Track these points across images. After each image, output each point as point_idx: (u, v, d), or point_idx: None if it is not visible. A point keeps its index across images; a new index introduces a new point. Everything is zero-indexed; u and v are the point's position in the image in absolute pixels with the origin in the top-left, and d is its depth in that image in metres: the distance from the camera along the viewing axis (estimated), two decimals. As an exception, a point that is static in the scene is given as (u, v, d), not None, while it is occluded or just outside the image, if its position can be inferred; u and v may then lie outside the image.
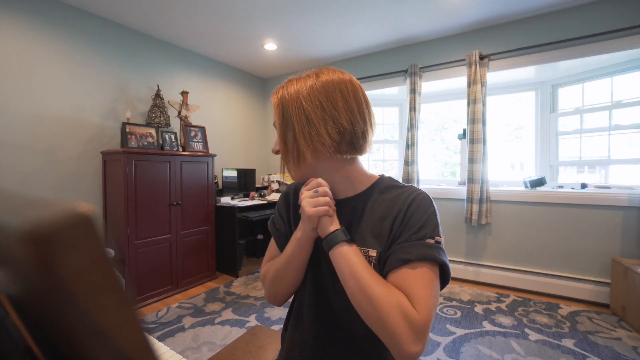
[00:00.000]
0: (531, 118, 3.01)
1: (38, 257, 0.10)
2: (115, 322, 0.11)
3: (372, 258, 0.64)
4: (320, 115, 0.63)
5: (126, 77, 2.77)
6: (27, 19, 2.19)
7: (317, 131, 0.63)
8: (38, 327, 0.16)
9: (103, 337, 0.10)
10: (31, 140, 2.22)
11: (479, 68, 2.70)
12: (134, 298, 0.19)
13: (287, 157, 0.68)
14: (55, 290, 0.10)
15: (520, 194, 2.69)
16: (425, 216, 0.62)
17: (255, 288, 2.77)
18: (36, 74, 2.24)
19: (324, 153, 0.65)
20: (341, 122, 0.63)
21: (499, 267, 2.76)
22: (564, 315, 2.21)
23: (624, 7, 2.28)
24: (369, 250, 0.65)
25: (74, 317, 0.10)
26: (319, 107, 0.63)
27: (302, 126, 0.64)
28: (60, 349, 0.14)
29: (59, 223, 0.10)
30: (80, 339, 0.10)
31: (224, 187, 3.42)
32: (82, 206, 0.10)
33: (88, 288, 0.10)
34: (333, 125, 0.63)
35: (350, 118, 0.64)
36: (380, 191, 0.69)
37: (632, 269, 2.05)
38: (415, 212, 0.62)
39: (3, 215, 0.10)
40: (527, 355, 1.74)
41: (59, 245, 0.10)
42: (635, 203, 2.27)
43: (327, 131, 0.63)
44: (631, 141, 2.55)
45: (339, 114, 0.64)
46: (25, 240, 0.09)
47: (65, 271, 0.10)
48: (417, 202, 0.63)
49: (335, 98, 0.64)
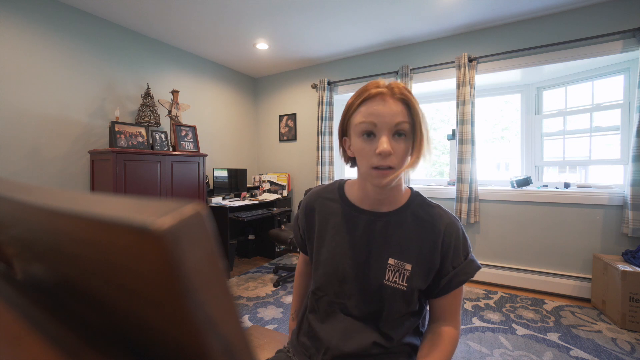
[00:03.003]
0: (517, 119, 3.11)
1: (162, 253, 0.11)
2: (221, 312, 0.12)
3: (407, 271, 0.71)
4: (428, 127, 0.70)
5: (115, 75, 2.71)
6: (11, 14, 2.12)
7: (429, 140, 0.68)
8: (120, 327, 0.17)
9: (215, 326, 0.12)
10: (15, 139, 2.15)
11: (467, 70, 2.77)
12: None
13: (411, 162, 0.67)
14: (176, 284, 0.11)
15: (507, 193, 2.78)
16: (464, 238, 0.72)
17: (248, 288, 2.76)
18: (20, 71, 2.17)
19: None
20: (429, 137, 0.71)
21: (487, 265, 2.84)
22: (549, 310, 2.30)
23: (605, 15, 2.39)
24: (405, 264, 0.71)
25: (192, 308, 0.11)
26: (425, 118, 0.69)
27: (427, 131, 0.68)
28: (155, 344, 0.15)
29: (183, 221, 0.11)
30: (195, 328, 0.11)
31: (215, 187, 3.39)
32: (197, 206, 0.11)
33: (204, 280, 0.11)
34: (429, 138, 0.70)
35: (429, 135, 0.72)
36: (415, 209, 0.74)
37: (611, 264, 2.15)
38: (458, 238, 0.71)
39: (121, 214, 0.11)
40: (515, 350, 1.81)
41: (185, 241, 0.11)
42: (614, 202, 2.38)
43: (429, 142, 0.69)
44: (609, 142, 2.67)
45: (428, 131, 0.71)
46: (152, 237, 0.10)
47: (187, 265, 0.11)
48: (457, 228, 0.72)
49: None
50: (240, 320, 0.13)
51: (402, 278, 0.70)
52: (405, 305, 0.72)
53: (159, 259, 0.10)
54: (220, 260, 0.12)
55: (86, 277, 0.17)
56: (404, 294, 0.70)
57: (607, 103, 2.63)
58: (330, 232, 0.78)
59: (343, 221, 0.77)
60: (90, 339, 0.18)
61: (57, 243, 0.18)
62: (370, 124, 0.65)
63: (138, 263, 0.11)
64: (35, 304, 0.23)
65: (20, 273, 0.29)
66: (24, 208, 0.19)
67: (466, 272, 0.70)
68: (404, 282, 0.70)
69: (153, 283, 0.11)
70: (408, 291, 0.70)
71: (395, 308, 0.71)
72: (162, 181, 2.63)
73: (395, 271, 0.71)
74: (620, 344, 1.85)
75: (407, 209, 0.74)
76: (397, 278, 0.70)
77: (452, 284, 0.70)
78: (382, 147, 0.63)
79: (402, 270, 0.70)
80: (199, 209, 0.11)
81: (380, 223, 0.74)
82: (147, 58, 2.97)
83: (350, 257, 0.74)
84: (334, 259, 0.76)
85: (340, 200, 0.80)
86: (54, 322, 0.20)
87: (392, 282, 0.70)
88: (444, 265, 0.71)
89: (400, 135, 0.65)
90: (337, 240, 0.77)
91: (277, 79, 4.12)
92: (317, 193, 0.85)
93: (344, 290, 0.74)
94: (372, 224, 0.74)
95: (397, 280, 0.70)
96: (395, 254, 0.71)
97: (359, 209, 0.77)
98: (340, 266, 0.75)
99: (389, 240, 0.72)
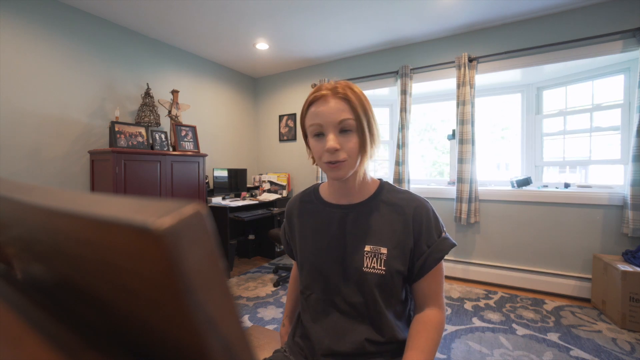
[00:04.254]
0: (517, 119, 3.11)
1: (162, 253, 0.11)
2: (221, 312, 0.12)
3: (383, 255, 0.73)
4: (374, 118, 0.74)
5: (115, 75, 2.71)
6: (9, 14, 2.12)
7: (378, 130, 0.74)
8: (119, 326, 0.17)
9: (215, 326, 0.12)
10: (15, 139, 2.15)
11: (468, 70, 2.77)
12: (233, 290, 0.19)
13: (362, 153, 0.71)
14: (176, 284, 0.11)
15: (507, 193, 2.78)
16: (435, 218, 0.76)
17: (248, 288, 2.76)
18: (20, 71, 2.17)
19: (369, 155, 0.73)
20: (377, 128, 0.75)
21: (487, 265, 2.84)
22: (549, 310, 2.30)
23: (605, 15, 2.39)
24: (381, 248, 0.74)
25: (192, 308, 0.11)
26: (371, 110, 0.74)
27: (373, 123, 0.73)
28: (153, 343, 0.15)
29: (183, 221, 0.11)
30: (195, 328, 0.11)
31: (215, 187, 3.39)
32: (197, 206, 0.11)
33: (204, 280, 0.11)
34: (377, 129, 0.75)
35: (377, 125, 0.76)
36: (384, 197, 0.78)
37: (611, 264, 2.15)
38: (429, 218, 0.75)
39: (121, 214, 0.11)
40: (515, 350, 1.81)
41: (185, 241, 0.11)
42: (614, 202, 2.38)
43: (377, 132, 0.74)
44: (610, 142, 2.67)
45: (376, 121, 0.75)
46: (152, 237, 0.10)
47: (187, 265, 0.11)
48: (426, 209, 0.75)
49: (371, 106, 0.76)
50: (240, 320, 0.13)
51: (380, 262, 0.73)
52: (388, 291, 0.74)
53: (159, 259, 0.10)
54: (220, 260, 0.12)
55: (86, 277, 0.17)
56: (383, 278, 0.72)
57: (607, 103, 2.62)
58: (310, 231, 0.82)
59: (320, 219, 0.82)
60: (90, 339, 0.18)
61: (57, 243, 0.18)
62: (317, 126, 0.70)
63: (138, 263, 0.11)
64: (35, 304, 0.23)
65: (20, 273, 0.29)
66: (24, 208, 0.19)
67: (440, 250, 0.73)
68: (382, 266, 0.72)
69: (153, 283, 0.11)
70: (387, 275, 0.72)
71: (379, 295, 0.73)
72: (162, 181, 2.63)
73: (372, 257, 0.73)
74: (620, 344, 1.85)
75: (376, 197, 0.78)
76: (375, 263, 0.73)
77: (429, 262, 0.73)
78: (328, 144, 0.68)
79: (378, 255, 0.73)
80: (199, 209, 0.11)
81: (353, 214, 0.78)
82: (147, 58, 2.97)
83: (330, 252, 0.77)
84: (316, 256, 0.79)
85: (316, 200, 0.85)
86: (54, 322, 0.20)
87: (370, 268, 0.73)
88: (418, 245, 0.73)
89: (347, 132, 0.70)
90: (316, 239, 0.80)
91: (277, 79, 4.12)
92: (295, 199, 0.91)
93: (330, 286, 0.77)
94: (345, 217, 0.78)
95: (375, 266, 0.73)
96: (370, 240, 0.74)
97: (332, 205, 0.81)
98: (322, 262, 0.78)
99: (363, 229, 0.76)
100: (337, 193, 0.81)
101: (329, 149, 0.68)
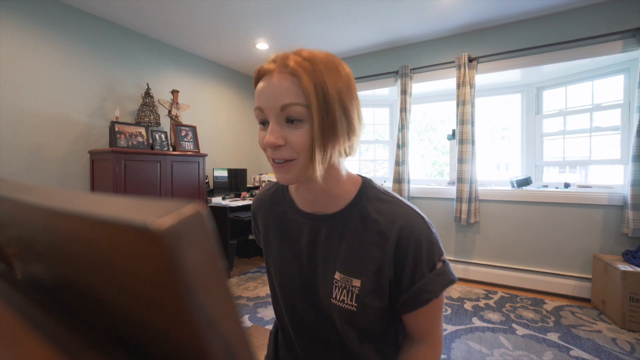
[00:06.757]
0: (517, 119, 3.11)
1: (162, 253, 0.11)
2: (221, 312, 0.12)
3: (355, 288, 0.55)
4: (353, 104, 0.53)
5: (115, 75, 2.71)
6: (11, 14, 2.12)
7: (358, 117, 0.54)
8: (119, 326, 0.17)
9: (215, 326, 0.12)
10: (15, 139, 2.15)
11: (468, 70, 2.77)
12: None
13: (320, 149, 0.51)
14: (176, 284, 0.11)
15: (507, 193, 2.78)
16: (429, 243, 0.55)
17: (248, 288, 2.76)
18: (20, 71, 2.17)
19: (339, 152, 0.54)
20: (359, 116, 0.55)
21: (487, 265, 2.84)
22: (549, 310, 2.30)
23: (605, 15, 2.39)
24: (352, 279, 0.56)
25: (192, 308, 0.11)
26: (348, 93, 0.53)
27: (350, 108, 0.53)
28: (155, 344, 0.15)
29: (183, 221, 0.11)
30: (195, 328, 0.11)
31: (215, 187, 3.39)
32: (197, 206, 0.11)
33: (204, 280, 0.11)
34: (358, 117, 0.55)
35: (359, 112, 0.56)
36: (363, 207, 0.58)
37: (611, 264, 2.15)
38: (418, 244, 0.54)
39: (121, 214, 0.11)
40: (515, 350, 1.81)
41: (185, 241, 0.11)
42: (614, 202, 2.38)
43: (357, 122, 0.54)
44: (610, 142, 2.67)
45: (358, 107, 0.55)
46: (152, 237, 0.10)
47: (187, 265, 0.11)
48: (415, 232, 0.54)
49: (352, 88, 0.54)
50: (240, 320, 0.13)
51: (351, 297, 0.55)
52: (361, 330, 0.58)
53: (159, 259, 0.10)
54: (220, 260, 0.12)
55: (86, 277, 0.17)
56: (355, 315, 0.56)
57: (607, 103, 2.62)
58: (276, 241, 0.65)
59: (287, 228, 0.63)
60: (90, 339, 0.18)
61: (57, 243, 0.18)
62: (259, 111, 0.53)
63: (138, 263, 0.11)
64: (35, 304, 0.23)
65: (20, 273, 0.29)
66: (24, 208, 0.19)
67: (429, 290, 0.53)
68: (352, 301, 0.55)
69: (153, 283, 0.11)
70: (359, 312, 0.56)
71: (351, 334, 0.58)
72: (162, 181, 2.63)
73: (342, 288, 0.56)
74: (620, 344, 1.85)
75: (353, 207, 0.58)
76: (345, 297, 0.56)
77: (415, 302, 0.55)
78: (266, 138, 0.51)
79: (349, 287, 0.56)
80: (199, 209, 0.11)
81: (325, 229, 0.59)
82: (147, 58, 2.97)
83: (297, 272, 0.61)
84: (283, 276, 0.63)
85: (284, 203, 0.65)
86: (54, 322, 0.20)
87: (339, 302, 0.56)
88: (400, 278, 0.55)
89: (295, 121, 0.50)
90: (283, 252, 0.63)
91: (277, 79, 4.11)
92: (260, 197, 0.71)
93: (298, 312, 0.63)
94: (317, 230, 0.60)
95: (344, 299, 0.56)
96: (341, 267, 0.57)
97: (303, 213, 0.62)
98: (289, 284, 0.62)
99: (334, 251, 0.58)
100: (303, 199, 0.61)
101: (266, 144, 0.51)
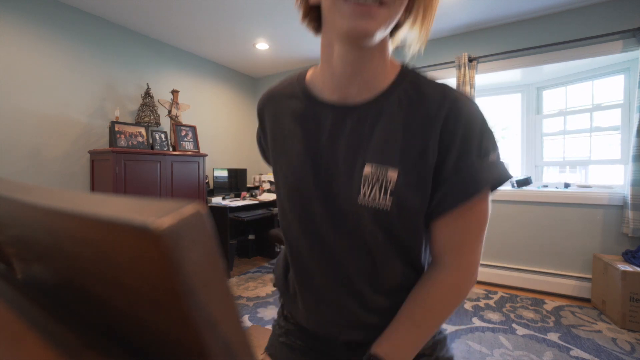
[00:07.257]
0: (517, 119, 3.11)
1: (162, 252, 0.11)
2: (221, 312, 0.12)
3: (390, 181, 0.45)
4: None
5: (115, 75, 2.71)
6: (11, 14, 2.12)
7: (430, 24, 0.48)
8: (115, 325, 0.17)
9: (215, 326, 0.12)
10: (15, 139, 2.15)
11: (468, 70, 2.77)
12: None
13: (407, 14, 0.46)
14: (176, 284, 0.11)
15: (507, 193, 2.78)
16: (482, 127, 0.46)
17: (248, 288, 2.76)
18: (20, 71, 2.17)
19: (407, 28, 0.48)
20: None
21: (487, 265, 2.84)
22: (549, 310, 2.30)
23: (605, 15, 2.38)
24: (388, 169, 0.46)
25: (192, 308, 0.11)
26: None
27: None
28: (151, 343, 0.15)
29: (183, 221, 0.11)
30: (195, 328, 0.11)
31: (215, 187, 3.39)
32: (197, 206, 0.11)
33: (204, 280, 0.11)
34: None
35: None
36: (404, 90, 0.49)
37: (611, 264, 2.15)
38: (470, 123, 0.45)
39: (121, 214, 0.11)
40: (515, 350, 1.80)
41: (185, 241, 0.11)
42: (614, 202, 2.38)
43: None
44: (610, 142, 2.67)
45: None
46: (152, 237, 0.10)
47: (187, 265, 0.11)
48: (467, 109, 0.46)
49: None
50: (240, 320, 0.13)
51: (385, 192, 0.45)
52: (395, 242, 0.48)
53: (159, 259, 0.10)
54: (220, 260, 0.12)
55: (86, 277, 0.17)
56: (388, 216, 0.46)
57: (607, 103, 2.62)
58: (288, 139, 0.54)
59: (303, 122, 0.53)
60: (90, 339, 0.18)
61: (57, 243, 0.18)
62: None
63: (138, 263, 0.11)
64: (35, 304, 0.23)
65: (20, 273, 0.29)
66: (24, 208, 0.19)
67: (476, 180, 0.44)
68: (387, 198, 0.45)
69: (153, 283, 0.11)
70: (393, 213, 0.45)
71: (381, 247, 0.48)
72: (162, 181, 2.63)
73: (374, 183, 0.46)
74: (620, 344, 1.85)
75: (393, 92, 0.48)
76: (378, 193, 0.46)
77: (455, 195, 0.45)
78: None
79: (383, 180, 0.45)
80: (199, 209, 0.11)
81: (351, 120, 0.49)
82: (146, 58, 2.97)
83: (312, 175, 0.51)
84: (293, 174, 0.53)
85: (301, 93, 0.55)
86: (54, 322, 0.21)
87: (370, 200, 0.46)
88: (444, 164, 0.45)
89: None
90: (296, 149, 0.53)
91: (277, 79, 4.11)
92: (270, 91, 0.60)
93: (313, 224, 0.52)
94: (341, 123, 0.50)
95: (376, 197, 0.46)
96: (373, 157, 0.47)
97: (324, 104, 0.52)
98: (303, 190, 0.51)
99: (364, 141, 0.48)
100: (335, 77, 0.50)
101: None
